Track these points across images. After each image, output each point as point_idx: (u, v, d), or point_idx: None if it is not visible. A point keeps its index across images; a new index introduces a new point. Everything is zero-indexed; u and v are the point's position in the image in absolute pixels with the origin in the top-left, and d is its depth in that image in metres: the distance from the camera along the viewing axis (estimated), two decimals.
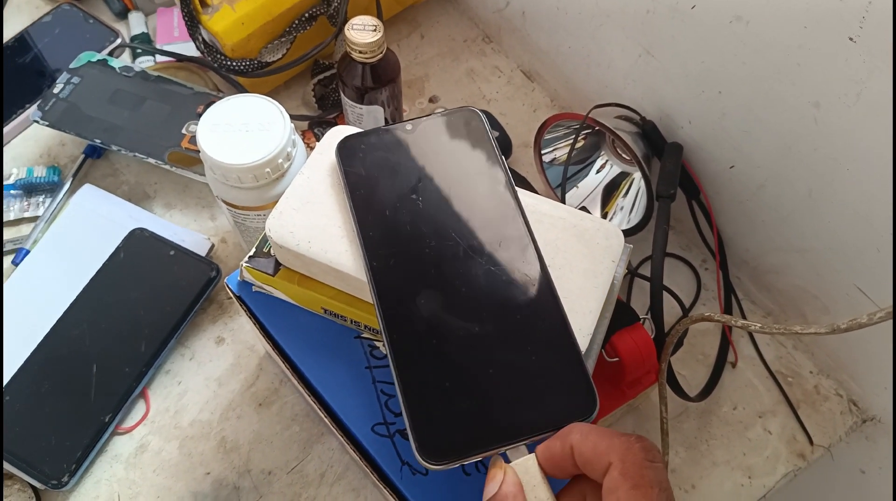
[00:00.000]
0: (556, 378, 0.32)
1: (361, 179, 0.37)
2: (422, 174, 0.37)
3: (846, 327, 0.30)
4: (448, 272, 0.34)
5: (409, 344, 0.32)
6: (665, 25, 0.51)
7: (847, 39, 0.39)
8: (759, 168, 0.50)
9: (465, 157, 0.38)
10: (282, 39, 0.61)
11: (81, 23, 0.71)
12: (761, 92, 0.46)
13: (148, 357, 0.53)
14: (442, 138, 0.39)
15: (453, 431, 0.30)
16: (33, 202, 0.61)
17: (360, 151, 0.38)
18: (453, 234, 0.36)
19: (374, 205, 0.36)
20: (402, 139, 0.39)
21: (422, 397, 0.31)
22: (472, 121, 0.39)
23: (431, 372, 0.31)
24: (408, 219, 0.36)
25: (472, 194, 0.37)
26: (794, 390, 0.56)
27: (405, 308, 0.33)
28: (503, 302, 0.34)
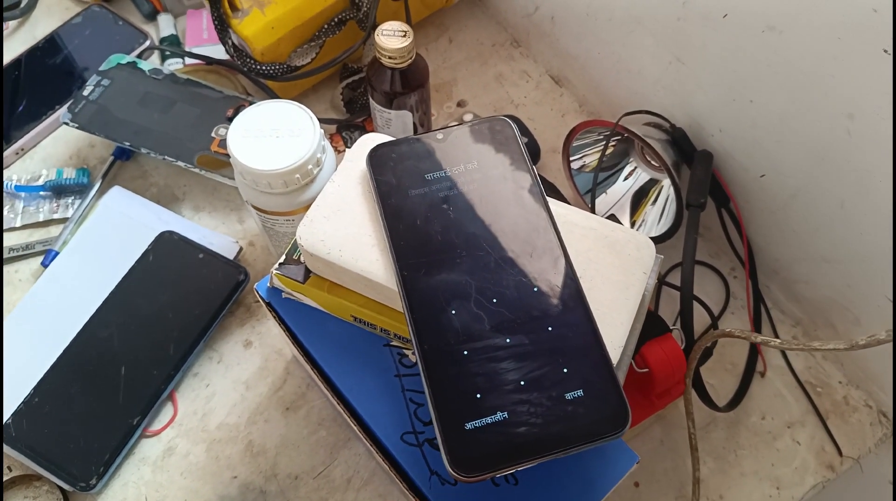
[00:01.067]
0: (587, 391, 0.32)
1: (392, 188, 0.37)
2: (453, 184, 0.37)
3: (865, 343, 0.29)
4: (479, 283, 0.34)
5: (439, 354, 0.32)
6: (696, 33, 0.50)
7: (882, 52, 0.38)
8: (791, 178, 0.50)
9: (495, 166, 0.38)
10: (311, 44, 0.61)
11: (111, 24, 0.72)
12: (794, 102, 0.46)
13: (176, 360, 0.53)
14: (473, 148, 0.39)
15: (484, 443, 0.30)
16: (63, 204, 0.62)
17: (390, 160, 0.38)
18: (484, 244, 0.36)
19: (405, 214, 0.36)
20: (433, 148, 0.39)
21: (452, 408, 0.31)
22: (502, 130, 0.39)
23: (462, 383, 0.32)
24: (439, 229, 0.36)
25: (503, 204, 0.37)
26: (823, 400, 0.56)
27: (436, 318, 0.33)
28: (534, 313, 0.33)
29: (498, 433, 0.30)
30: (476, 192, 0.37)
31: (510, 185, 0.37)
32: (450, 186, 0.37)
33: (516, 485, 0.38)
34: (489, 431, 0.30)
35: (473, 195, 0.37)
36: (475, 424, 0.30)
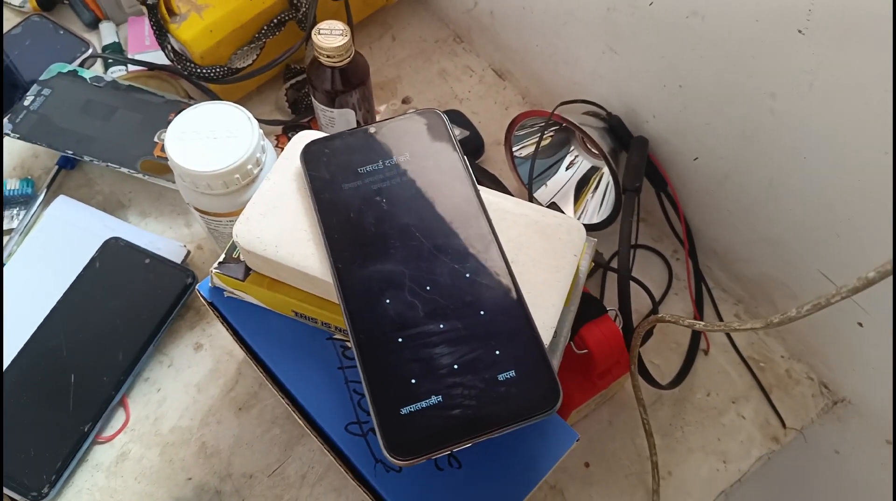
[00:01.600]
0: (519, 371, 0.32)
1: (326, 183, 0.38)
2: (385, 176, 0.38)
3: (778, 321, 0.31)
4: (412, 272, 0.35)
5: (374, 342, 0.33)
6: (625, 22, 0.51)
7: (796, 32, 0.40)
8: (722, 159, 0.51)
9: (427, 157, 0.39)
10: (251, 45, 0.61)
11: (52, 34, 0.72)
12: (720, 85, 0.47)
13: (126, 365, 0.53)
14: (405, 140, 0.39)
15: (420, 426, 0.31)
16: (7, 215, 0.62)
17: (324, 155, 0.39)
18: (417, 234, 0.36)
19: (339, 208, 0.37)
20: (366, 142, 0.39)
21: (388, 393, 0.31)
22: (434, 122, 0.40)
23: (397, 369, 0.32)
24: (372, 221, 0.36)
25: (435, 194, 0.37)
26: (766, 375, 0.57)
27: (370, 307, 0.34)
28: (467, 299, 0.34)
29: (433, 417, 0.31)
30: (409, 183, 0.38)
31: (442, 175, 0.38)
32: (383, 178, 0.38)
33: (460, 468, 0.39)
34: (424, 414, 0.31)
35: (406, 187, 0.38)
36: (410, 408, 0.31)
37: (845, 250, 0.46)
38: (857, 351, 0.51)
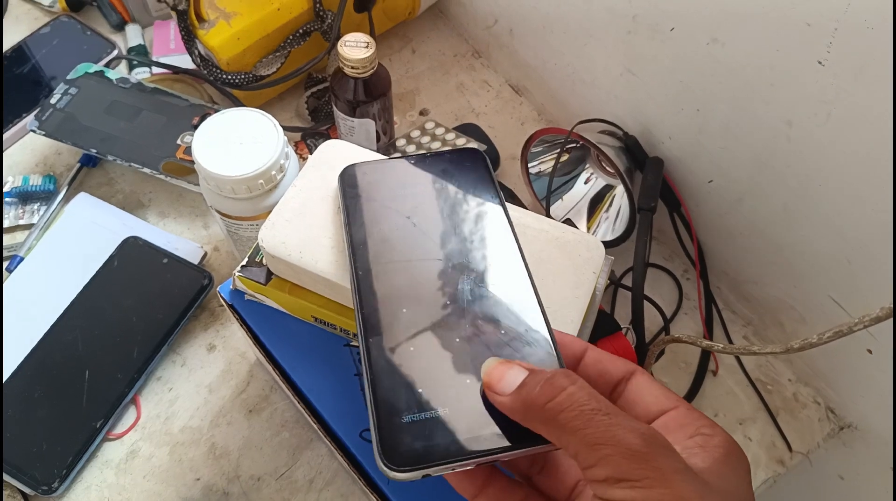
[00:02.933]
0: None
1: (359, 202, 0.37)
2: (419, 203, 0.37)
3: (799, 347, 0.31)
4: (433, 285, 0.34)
5: (385, 346, 0.31)
6: (645, 45, 0.52)
7: (816, 63, 0.41)
8: (737, 183, 0.52)
9: (464, 191, 0.38)
10: (276, 54, 0.62)
11: (79, 34, 0.73)
12: (737, 110, 0.48)
13: (140, 364, 0.54)
14: (444, 174, 0.39)
15: (421, 437, 0.29)
16: (28, 210, 0.62)
17: (361, 179, 0.38)
18: (443, 252, 0.36)
19: (368, 222, 0.37)
20: (404, 172, 0.39)
21: (392, 399, 0.30)
22: (475, 161, 0.39)
23: (405, 375, 0.30)
24: (399, 236, 0.36)
25: (466, 221, 0.37)
26: (773, 397, 0.58)
27: (385, 313, 0.33)
28: (488, 315, 0.33)
29: (436, 429, 0.29)
30: (441, 210, 0.37)
31: (476, 207, 0.38)
32: (416, 204, 0.37)
33: None
34: (428, 426, 0.29)
35: (438, 212, 0.37)
36: (413, 417, 0.29)
37: (856, 277, 0.47)
38: (865, 378, 0.52)
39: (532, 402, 0.25)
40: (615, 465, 0.22)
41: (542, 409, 0.24)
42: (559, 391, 0.24)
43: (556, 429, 0.24)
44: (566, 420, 0.23)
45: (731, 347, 0.37)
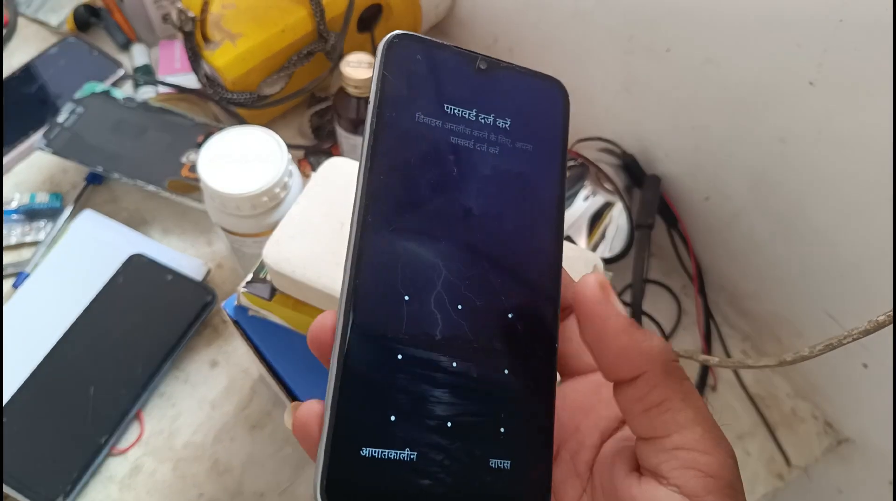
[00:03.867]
0: (516, 466, 0.25)
1: (399, 99, 0.27)
2: (473, 134, 0.27)
3: (791, 359, 0.32)
4: (451, 275, 0.26)
5: (369, 343, 0.24)
6: (642, 65, 0.53)
7: (807, 84, 0.42)
8: (733, 199, 0.53)
9: (529, 142, 0.28)
10: (280, 74, 0.63)
11: (86, 54, 0.74)
12: (732, 129, 0.49)
13: (144, 380, 0.54)
14: (513, 101, 0.28)
15: (374, 478, 0.23)
16: (35, 227, 0.63)
17: (414, 60, 0.28)
18: (478, 232, 0.26)
19: (399, 142, 0.26)
20: (470, 76, 0.28)
21: (356, 421, 0.23)
22: (554, 98, 0.29)
23: (381, 394, 0.24)
24: (433, 180, 0.26)
25: (518, 196, 0.27)
26: (771, 412, 0.58)
27: (382, 293, 0.25)
28: (496, 346, 0.26)
29: (396, 474, 0.23)
30: (495, 160, 0.27)
31: (536, 177, 0.28)
32: (468, 134, 0.27)
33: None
34: (386, 467, 0.23)
35: (490, 162, 0.27)
36: (374, 452, 0.23)
37: (850, 292, 0.48)
38: (861, 392, 0.53)
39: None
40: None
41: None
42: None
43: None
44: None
45: (726, 360, 0.38)
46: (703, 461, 0.21)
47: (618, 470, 0.23)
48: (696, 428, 0.22)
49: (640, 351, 0.22)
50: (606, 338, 0.22)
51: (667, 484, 0.21)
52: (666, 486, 0.21)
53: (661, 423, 0.22)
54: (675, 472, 0.21)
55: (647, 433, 0.22)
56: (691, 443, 0.21)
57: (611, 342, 0.22)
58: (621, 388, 0.23)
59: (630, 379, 0.22)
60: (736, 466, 0.22)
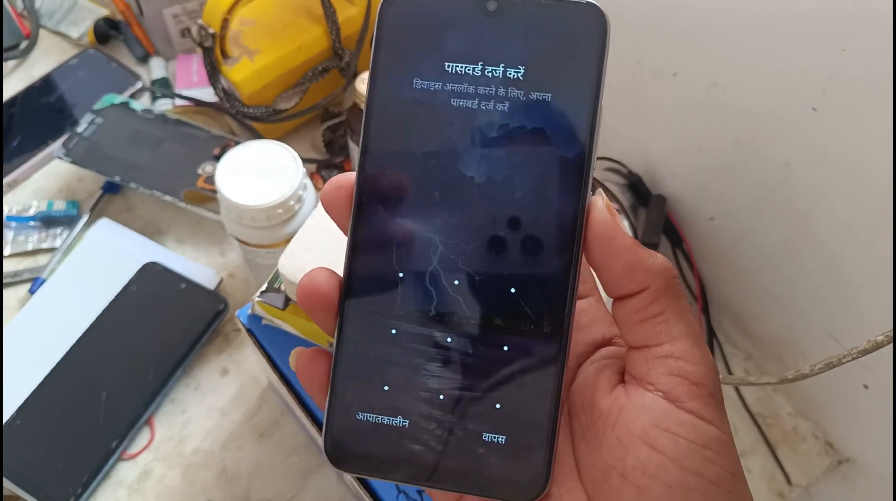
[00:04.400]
0: (511, 442, 0.25)
1: (394, 63, 0.25)
2: (478, 92, 0.25)
3: (792, 377, 0.33)
4: (447, 250, 0.25)
5: (362, 320, 0.25)
6: (649, 88, 0.55)
7: (811, 109, 0.43)
8: (737, 220, 0.54)
9: (549, 91, 0.25)
10: (295, 89, 0.65)
11: (105, 66, 0.76)
12: (737, 151, 0.50)
13: (156, 386, 0.55)
14: (529, 43, 0.25)
15: (369, 441, 0.25)
16: (51, 234, 0.65)
17: (410, 16, 0.25)
18: (478, 202, 0.25)
19: (395, 108, 0.25)
20: (475, 23, 0.25)
21: (352, 389, 0.25)
22: (586, 29, 0.24)
23: (375, 365, 0.25)
24: (430, 150, 0.25)
25: (530, 161, 0.25)
26: (773, 431, 0.59)
27: (375, 271, 0.25)
28: (496, 322, 0.25)
29: (388, 438, 0.25)
30: (503, 120, 0.25)
31: (557, 131, 0.25)
32: (473, 92, 0.25)
33: None
34: (380, 431, 0.25)
35: (497, 123, 0.25)
36: (368, 417, 0.25)
37: (853, 313, 0.49)
38: (862, 412, 0.53)
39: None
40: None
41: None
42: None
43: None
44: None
45: (728, 377, 0.39)
46: (689, 369, 0.23)
47: (600, 386, 0.24)
48: (687, 340, 0.23)
49: (645, 267, 0.23)
50: (614, 255, 0.23)
51: (653, 390, 0.23)
52: (652, 391, 0.23)
53: (655, 333, 0.23)
54: (663, 378, 0.23)
55: (640, 342, 0.24)
56: (680, 353, 0.23)
57: (618, 258, 0.23)
58: (622, 301, 0.24)
59: (634, 293, 0.23)
60: (718, 379, 0.23)
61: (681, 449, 0.22)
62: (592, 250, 0.24)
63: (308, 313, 0.26)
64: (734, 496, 0.22)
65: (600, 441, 0.23)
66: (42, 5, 0.82)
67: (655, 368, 0.23)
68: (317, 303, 0.25)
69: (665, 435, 0.22)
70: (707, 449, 0.22)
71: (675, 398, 0.22)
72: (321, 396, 0.26)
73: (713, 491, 0.22)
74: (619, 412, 0.23)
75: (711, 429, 0.22)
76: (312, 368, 0.25)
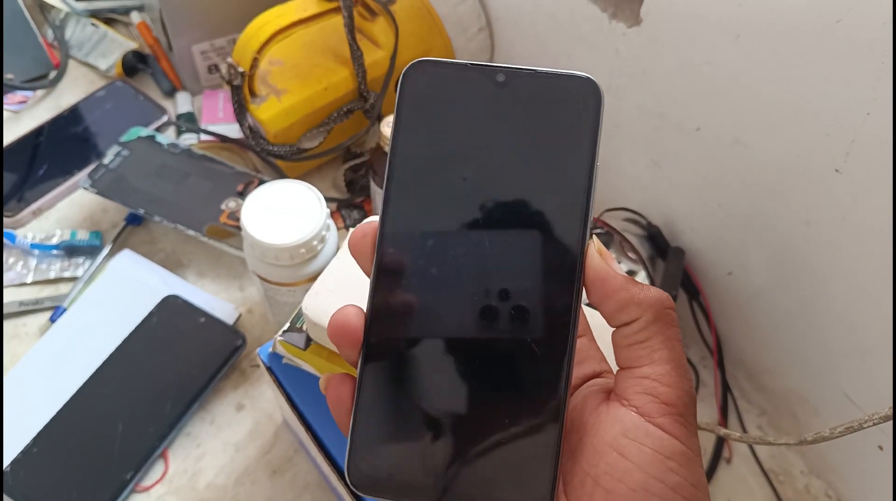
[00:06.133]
0: (524, 469, 0.27)
1: (418, 124, 0.28)
2: (487, 152, 0.28)
3: (812, 439, 0.33)
4: (467, 292, 0.27)
5: (390, 346, 0.27)
6: (671, 141, 0.56)
7: (833, 171, 0.44)
8: (755, 276, 0.54)
9: (550, 148, 0.28)
10: (320, 129, 0.66)
11: (132, 99, 0.77)
12: (757, 208, 0.51)
13: (172, 419, 0.55)
14: (534, 111, 0.28)
15: (391, 467, 0.27)
16: (73, 263, 0.65)
17: (430, 86, 0.28)
18: (488, 246, 0.28)
19: (420, 157, 0.28)
20: (486, 94, 0.28)
21: (378, 410, 0.27)
22: (583, 98, 0.28)
23: (399, 391, 0.27)
24: (446, 200, 0.28)
25: (534, 203, 0.27)
26: (785, 488, 0.59)
27: (404, 304, 0.27)
28: (513, 379, 0.27)
29: (406, 463, 0.27)
30: (515, 174, 0.28)
31: (560, 187, 0.27)
32: (487, 149, 0.28)
33: None
34: (398, 456, 0.27)
35: (510, 177, 0.28)
36: (386, 443, 0.27)
37: (869, 375, 0.49)
38: (875, 474, 0.53)
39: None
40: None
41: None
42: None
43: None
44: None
45: (746, 436, 0.39)
46: (662, 390, 0.25)
47: (587, 406, 0.27)
48: (666, 365, 0.26)
49: (636, 302, 0.26)
50: (608, 295, 0.26)
51: (627, 405, 0.25)
52: (627, 406, 0.25)
53: (638, 356, 0.26)
54: (637, 396, 0.25)
55: (625, 364, 0.26)
56: (657, 375, 0.25)
57: (612, 298, 0.26)
58: (619, 329, 0.27)
59: (628, 323, 0.26)
60: (692, 403, 0.26)
61: (645, 457, 0.24)
62: (590, 293, 0.27)
63: (336, 346, 0.28)
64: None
65: (582, 453, 0.26)
66: (72, 36, 0.84)
67: (633, 386, 0.26)
68: (345, 338, 0.27)
69: (632, 444, 0.25)
70: (670, 460, 0.24)
71: (646, 413, 0.25)
72: (346, 419, 0.27)
73: (672, 497, 0.24)
74: (598, 424, 0.26)
75: (676, 443, 0.24)
76: (342, 389, 0.27)
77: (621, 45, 0.56)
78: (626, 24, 0.55)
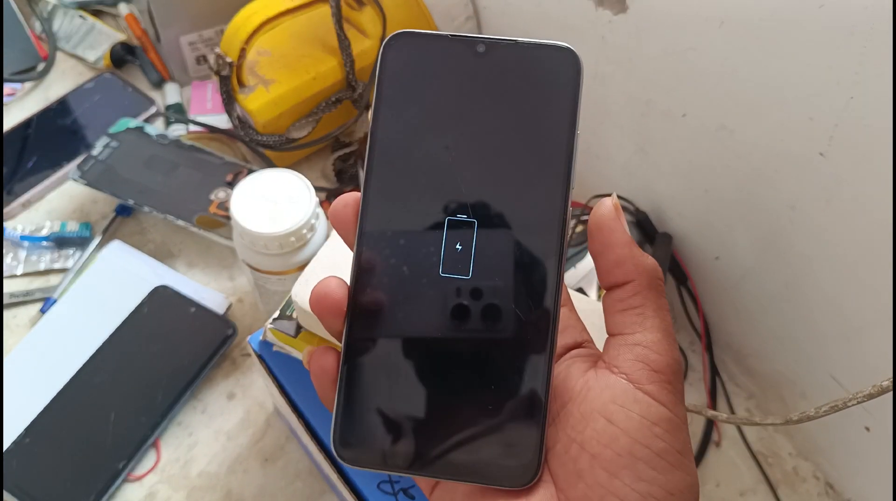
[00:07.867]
0: (510, 434, 0.27)
1: (398, 100, 0.28)
2: (467, 124, 0.28)
3: (797, 419, 0.33)
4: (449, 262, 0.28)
5: (373, 318, 0.27)
6: (658, 128, 0.56)
7: (818, 154, 0.44)
8: (742, 260, 0.55)
9: (529, 119, 0.28)
10: (308, 119, 0.66)
11: (120, 90, 0.77)
12: (743, 193, 0.51)
13: (163, 408, 0.56)
14: (513, 81, 0.28)
15: (378, 437, 0.27)
16: (63, 255, 0.65)
17: (411, 57, 0.29)
18: (470, 207, 0.28)
19: (395, 139, 0.28)
20: (466, 64, 0.28)
21: (364, 382, 0.27)
22: (563, 68, 0.28)
23: (385, 364, 0.27)
24: (429, 175, 0.28)
25: (512, 170, 0.28)
26: (773, 470, 0.59)
27: (386, 274, 0.27)
28: (495, 337, 0.27)
29: (392, 431, 0.27)
30: (497, 145, 0.28)
31: (541, 156, 0.28)
32: (467, 121, 0.28)
33: None
34: (384, 425, 0.27)
35: (492, 148, 0.28)
36: (372, 412, 0.27)
37: (854, 355, 0.49)
38: (863, 455, 0.54)
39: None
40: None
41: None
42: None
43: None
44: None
45: (733, 417, 0.39)
46: (653, 358, 0.25)
47: (571, 374, 0.27)
48: (657, 333, 0.26)
49: (634, 262, 0.26)
50: (610, 247, 0.27)
51: (618, 372, 0.26)
52: (617, 374, 0.26)
53: (630, 322, 0.26)
54: (628, 363, 0.26)
55: (616, 330, 0.27)
56: (648, 342, 0.26)
57: (613, 250, 0.26)
58: (610, 292, 0.27)
59: (621, 284, 0.27)
60: (680, 371, 0.26)
61: (633, 423, 0.24)
62: (593, 241, 0.27)
63: (319, 316, 0.28)
64: (678, 469, 0.24)
65: (567, 420, 0.26)
66: (60, 28, 0.83)
67: (624, 353, 0.26)
68: (327, 307, 0.27)
69: (620, 410, 0.25)
70: (656, 426, 0.24)
71: (635, 380, 0.25)
72: (331, 392, 0.27)
73: (658, 462, 0.24)
74: (587, 391, 0.26)
75: (663, 410, 0.25)
76: (325, 360, 0.27)
77: (607, 33, 0.56)
78: (613, 12, 0.55)
